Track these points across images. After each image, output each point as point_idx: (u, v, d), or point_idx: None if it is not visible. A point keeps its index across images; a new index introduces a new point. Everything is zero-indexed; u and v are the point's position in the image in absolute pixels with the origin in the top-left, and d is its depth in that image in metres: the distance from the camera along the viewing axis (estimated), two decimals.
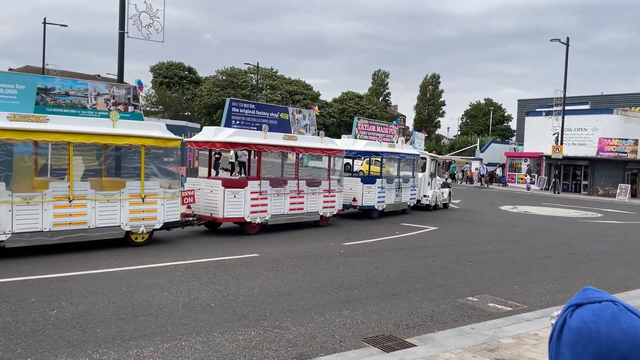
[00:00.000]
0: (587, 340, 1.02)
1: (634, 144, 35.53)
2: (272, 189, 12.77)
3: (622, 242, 13.94)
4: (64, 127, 9.07)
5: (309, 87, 77.67)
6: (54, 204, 9.04)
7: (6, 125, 8.39)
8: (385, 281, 8.06)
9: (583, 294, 1.10)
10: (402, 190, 17.88)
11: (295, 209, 13.31)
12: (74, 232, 9.31)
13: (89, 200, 9.47)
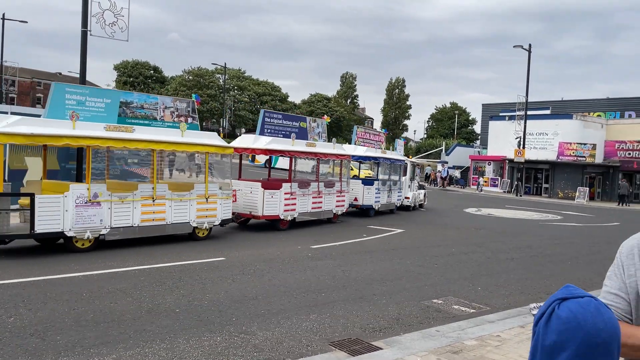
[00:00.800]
0: (576, 327, 1.19)
1: (592, 148, 36.81)
2: (299, 190, 14.36)
3: (581, 244, 14.41)
4: (149, 137, 10.48)
5: (277, 89, 77.52)
6: (142, 203, 10.47)
7: (104, 134, 9.76)
8: (352, 284, 8.10)
9: (566, 290, 1.28)
10: (392, 192, 19.60)
11: (315, 207, 15.05)
12: (156, 227, 10.76)
13: (167, 200, 10.94)
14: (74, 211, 9.42)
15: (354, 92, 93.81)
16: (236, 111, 70.36)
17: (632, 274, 1.66)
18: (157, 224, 10.75)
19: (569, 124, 38.05)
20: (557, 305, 1.24)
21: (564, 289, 1.30)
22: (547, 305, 1.26)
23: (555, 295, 1.28)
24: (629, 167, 37.17)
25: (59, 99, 9.99)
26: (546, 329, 1.22)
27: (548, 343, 1.21)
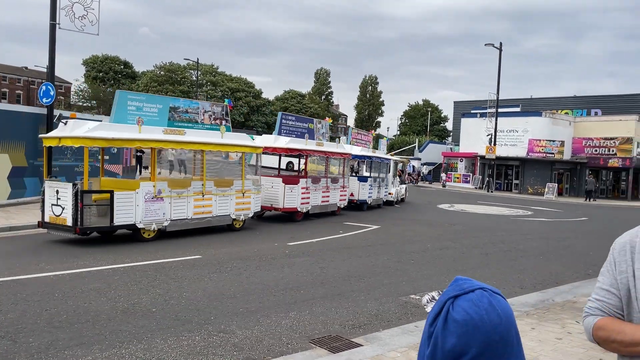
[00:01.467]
0: (474, 329, 1.16)
1: (561, 145, 37.72)
2: (312, 185, 15.88)
3: (551, 239, 14.74)
4: (199, 139, 11.95)
5: (251, 85, 76.92)
6: (194, 198, 11.86)
7: (164, 137, 11.14)
8: (331, 281, 8.09)
9: (456, 285, 1.24)
10: (381, 188, 21.11)
11: (324, 201, 16.53)
12: (204, 219, 12.15)
13: (213, 195, 12.36)
14: (144, 206, 10.77)
15: (328, 89, 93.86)
16: None
17: (624, 270, 1.68)
18: (205, 217, 12.20)
19: (538, 122, 38.88)
20: (451, 304, 1.20)
21: (454, 284, 1.26)
22: (440, 305, 1.22)
23: (447, 293, 1.23)
24: (596, 163, 38.23)
25: (123, 105, 10.93)
26: (445, 332, 1.18)
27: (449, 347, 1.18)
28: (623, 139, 37.24)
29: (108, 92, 70.23)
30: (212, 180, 12.65)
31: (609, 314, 1.69)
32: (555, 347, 5.33)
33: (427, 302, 1.37)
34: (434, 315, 1.24)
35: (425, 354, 1.26)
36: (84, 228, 10.02)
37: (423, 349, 1.28)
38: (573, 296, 7.69)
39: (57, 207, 10.28)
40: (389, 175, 22.42)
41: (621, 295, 1.68)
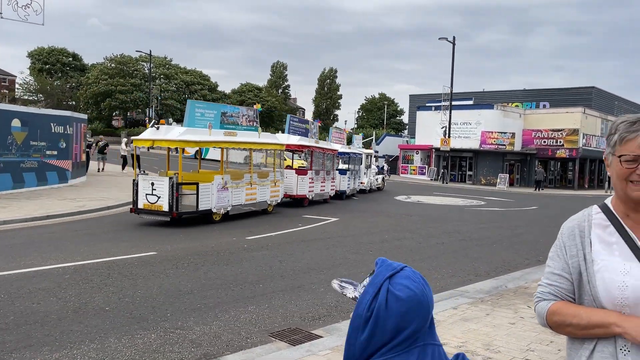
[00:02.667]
0: (417, 305, 1.20)
1: (512, 137, 38.95)
2: (315, 176, 18.63)
3: (503, 227, 15.21)
4: (247, 139, 14.70)
5: (206, 78, 75.70)
6: (246, 187, 14.45)
7: (226, 138, 13.83)
8: (290, 274, 8.06)
9: (386, 266, 1.28)
10: (356, 179, 23.76)
11: (322, 190, 19.22)
12: (251, 205, 14.75)
13: (257, 185, 14.97)
14: (217, 194, 13.16)
15: (285, 82, 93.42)
16: (163, 100, 67.95)
17: (574, 254, 1.71)
18: (252, 202, 14.77)
19: (490, 114, 39.99)
20: (389, 284, 1.21)
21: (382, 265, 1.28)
22: (375, 287, 1.22)
23: (379, 274, 1.25)
24: (545, 154, 39.71)
25: (192, 112, 13.21)
26: (387, 313, 1.19)
27: (391, 326, 1.19)
28: (570, 131, 38.81)
29: (56, 85, 67.48)
30: (256, 172, 15.41)
31: (561, 298, 1.71)
32: (508, 332, 5.49)
33: (340, 289, 1.36)
34: (371, 297, 1.23)
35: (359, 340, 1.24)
36: (179, 213, 12.22)
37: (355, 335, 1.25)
38: (525, 282, 7.95)
39: (152, 196, 12.32)
40: (361, 167, 25.00)
41: (572, 279, 1.71)
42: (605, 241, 1.68)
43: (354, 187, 23.52)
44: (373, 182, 26.67)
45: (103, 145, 25.17)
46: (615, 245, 1.66)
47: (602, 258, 1.66)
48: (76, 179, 19.95)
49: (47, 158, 17.76)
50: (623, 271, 1.60)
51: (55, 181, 18.25)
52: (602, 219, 1.72)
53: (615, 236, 1.67)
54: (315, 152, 19.00)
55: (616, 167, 1.65)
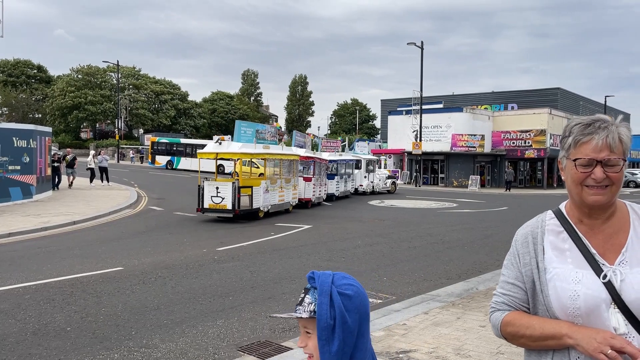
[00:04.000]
0: (363, 298, 1.34)
1: (481, 139, 39.54)
2: (316, 181, 21.55)
3: (474, 229, 15.35)
4: (277, 151, 18.11)
5: (176, 87, 74.88)
6: (278, 191, 17.51)
7: (266, 151, 17.18)
8: (261, 285, 7.93)
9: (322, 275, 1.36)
10: (347, 182, 26.32)
11: (320, 193, 22.09)
12: (281, 205, 17.87)
13: (284, 189, 18.10)
14: (263, 195, 16.30)
15: (257, 89, 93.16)
16: (133, 110, 66.88)
17: (527, 263, 1.65)
18: (281, 202, 17.89)
19: (460, 117, 40.54)
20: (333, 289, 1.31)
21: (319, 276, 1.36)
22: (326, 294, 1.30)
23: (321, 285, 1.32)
24: (514, 155, 40.41)
25: (239, 130, 18.05)
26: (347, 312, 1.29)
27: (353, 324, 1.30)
28: (537, 131, 39.60)
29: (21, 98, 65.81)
30: (284, 178, 18.23)
31: (515, 308, 1.65)
32: (479, 335, 5.48)
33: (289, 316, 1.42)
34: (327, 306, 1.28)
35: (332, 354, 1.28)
36: (240, 210, 15.30)
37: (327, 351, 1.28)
38: (495, 283, 7.98)
39: (216, 197, 15.34)
40: (356, 172, 27.57)
41: (526, 288, 1.64)
42: (559, 248, 1.62)
43: (346, 190, 26.06)
44: (378, 184, 29.21)
45: (71, 159, 24.32)
46: (568, 252, 1.60)
47: (555, 266, 1.59)
48: (41, 193, 19.38)
49: (9, 173, 17.21)
50: (575, 279, 1.54)
51: (19, 197, 17.69)
52: (556, 225, 1.66)
53: (568, 242, 1.61)
54: (316, 161, 22.00)
55: (571, 171, 1.58)
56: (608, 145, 1.53)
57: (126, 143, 61.87)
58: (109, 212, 16.32)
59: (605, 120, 1.57)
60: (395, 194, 30.19)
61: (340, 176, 25.41)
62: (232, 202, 15.16)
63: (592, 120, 1.58)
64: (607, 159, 1.53)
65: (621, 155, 1.55)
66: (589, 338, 1.45)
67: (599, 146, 1.54)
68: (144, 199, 21.29)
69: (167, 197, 22.42)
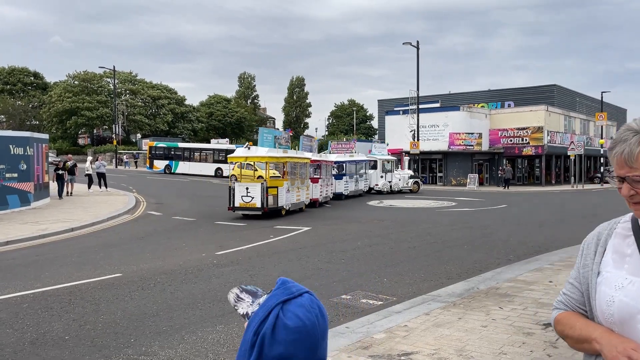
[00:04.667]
0: (306, 336, 1.14)
1: (479, 137, 39.54)
2: (323, 182, 23.16)
3: (474, 228, 15.31)
4: (293, 154, 19.77)
5: (173, 91, 74.82)
6: (295, 191, 19.26)
7: (286, 155, 19.06)
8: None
9: (285, 289, 1.20)
10: (359, 182, 28.01)
11: (326, 194, 23.78)
12: (298, 204, 19.51)
13: (300, 189, 19.86)
14: (285, 195, 18.11)
15: (254, 92, 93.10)
16: (130, 116, 66.80)
17: (587, 264, 1.59)
18: (298, 202, 19.58)
19: (457, 116, 40.55)
20: (281, 309, 1.16)
21: (281, 287, 1.22)
22: (266, 310, 1.16)
23: (274, 296, 1.19)
24: (511, 152, 40.43)
25: (262, 136, 19.77)
26: (273, 339, 1.13)
27: (275, 354, 1.14)
28: (534, 129, 39.62)
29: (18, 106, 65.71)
30: (299, 179, 19.80)
31: (571, 309, 1.61)
32: (480, 335, 5.44)
33: (235, 302, 1.28)
34: (260, 321, 1.16)
35: None
36: (269, 208, 17.08)
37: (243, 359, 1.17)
38: (496, 282, 7.95)
39: (247, 197, 17.08)
40: (371, 172, 29.49)
41: (582, 289, 1.59)
42: (620, 252, 1.53)
43: (358, 189, 27.86)
44: (397, 184, 30.71)
45: (72, 166, 23.82)
46: (629, 258, 1.50)
47: (608, 270, 1.53)
48: (39, 201, 19.32)
49: (7, 181, 17.15)
50: (618, 285, 1.47)
51: (17, 204, 17.63)
52: (626, 229, 1.56)
53: (632, 247, 1.51)
54: (322, 164, 23.75)
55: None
56: (623, 161, 1.43)
57: (124, 148, 61.78)
58: (108, 218, 16.26)
59: (630, 129, 1.45)
60: (390, 193, 30.17)
61: (350, 176, 26.97)
62: (262, 201, 16.97)
63: (624, 129, 1.47)
64: (626, 176, 1.43)
65: None
66: (612, 346, 1.39)
67: (616, 162, 1.45)
68: (142, 204, 21.23)
69: (165, 201, 22.36)
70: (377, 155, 31.27)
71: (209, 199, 24.01)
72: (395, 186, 30.58)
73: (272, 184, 17.63)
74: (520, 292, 7.22)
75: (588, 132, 48.63)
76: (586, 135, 47.53)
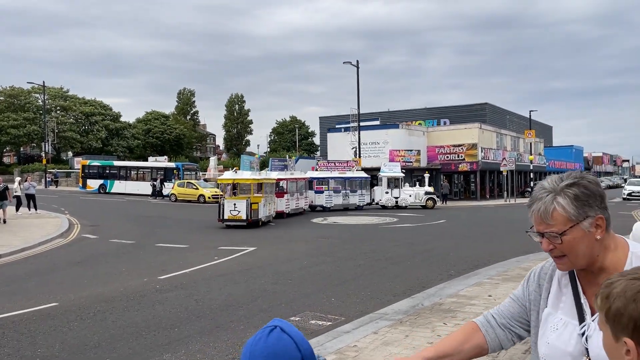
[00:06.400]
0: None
1: (417, 154, 40.80)
2: (290, 197, 26.62)
3: (416, 244, 15.73)
4: (264, 176, 23.54)
5: (107, 107, 72.33)
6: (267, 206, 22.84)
7: (260, 177, 22.97)
8: (207, 313, 7.73)
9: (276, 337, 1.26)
10: (350, 196, 31.44)
11: (296, 205, 27.46)
12: (269, 216, 22.88)
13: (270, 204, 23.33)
14: (262, 209, 21.68)
15: (194, 108, 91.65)
16: (61, 133, 63.83)
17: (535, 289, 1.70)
18: (269, 214, 22.73)
19: (396, 133, 41.70)
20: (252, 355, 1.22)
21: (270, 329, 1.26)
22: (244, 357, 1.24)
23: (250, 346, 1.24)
24: (448, 168, 41.97)
25: (243, 161, 23.65)
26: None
27: None
28: (469, 145, 41.39)
29: None
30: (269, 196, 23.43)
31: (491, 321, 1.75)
32: None
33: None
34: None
35: None
36: (252, 220, 20.49)
37: None
38: (439, 298, 8.21)
39: (234, 210, 20.37)
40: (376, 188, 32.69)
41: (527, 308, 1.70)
42: (560, 290, 1.61)
43: (348, 203, 31.03)
44: (404, 199, 32.04)
45: (2, 189, 20.70)
46: (564, 297, 1.58)
47: (549, 310, 1.61)
48: None
49: None
50: (554, 327, 1.56)
51: None
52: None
53: (567, 288, 1.59)
54: (289, 181, 26.89)
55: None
56: (540, 218, 1.50)
57: (54, 167, 58.84)
58: (39, 243, 15.40)
59: (544, 189, 1.52)
60: (333, 211, 30.49)
61: (335, 190, 31.09)
62: (247, 214, 20.42)
63: (538, 188, 1.55)
64: (544, 232, 1.50)
65: (561, 227, 1.46)
66: None
67: (535, 219, 1.52)
68: (76, 226, 20.28)
69: (101, 223, 21.47)
70: (388, 172, 32.99)
71: (149, 220, 23.29)
72: (402, 202, 31.91)
73: (254, 200, 21.13)
74: (462, 308, 7.49)
75: (518, 149, 51.32)
76: (516, 151, 50.12)
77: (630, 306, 1.07)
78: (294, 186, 27.45)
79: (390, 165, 34.99)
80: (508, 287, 8.64)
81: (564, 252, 1.49)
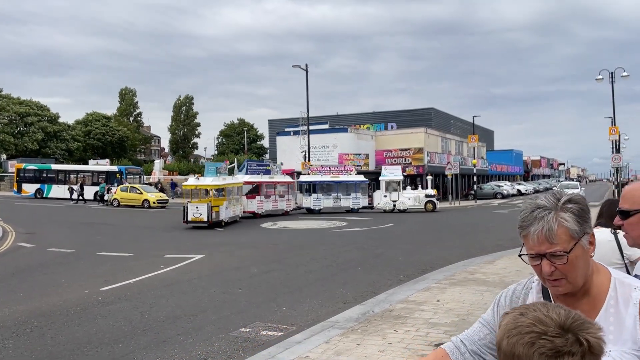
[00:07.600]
0: None
1: (366, 157, 41.35)
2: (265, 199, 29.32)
3: (365, 249, 15.85)
4: (233, 181, 26.38)
5: (44, 108, 68.92)
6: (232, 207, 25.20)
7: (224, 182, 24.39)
8: (153, 327, 7.45)
9: None
10: (342, 199, 32.58)
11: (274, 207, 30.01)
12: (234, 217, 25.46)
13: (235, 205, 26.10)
14: (225, 211, 23.40)
15: (137, 109, 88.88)
16: None
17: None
18: (234, 215, 25.24)
19: (345, 137, 42.10)
20: None
21: None
22: None
23: None
24: None
25: (207, 167, 26.03)
26: None
27: None
28: (416, 149, 42.34)
29: None
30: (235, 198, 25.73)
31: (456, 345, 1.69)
32: None
33: None
34: None
35: None
36: (212, 222, 21.82)
37: None
38: (389, 304, 8.28)
39: (196, 213, 21.82)
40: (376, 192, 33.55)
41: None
42: None
43: (340, 205, 32.23)
44: (403, 202, 32.51)
45: None
46: None
47: None
48: None
49: None
50: None
51: None
52: (537, 289, 1.61)
53: None
54: (265, 184, 29.12)
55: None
56: (544, 238, 1.41)
57: None
58: None
59: (543, 207, 1.44)
60: (282, 215, 30.36)
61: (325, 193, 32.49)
62: (207, 216, 21.81)
63: (533, 208, 1.45)
64: (548, 252, 1.42)
65: (565, 245, 1.40)
66: None
67: (536, 239, 1.42)
68: (10, 234, 19.17)
69: (38, 231, 20.41)
70: (389, 176, 33.62)
71: (90, 227, 22.35)
72: (400, 205, 32.44)
73: (215, 203, 22.50)
74: (412, 314, 7.58)
75: (462, 153, 53.00)
76: (460, 155, 51.74)
77: (504, 342, 1.13)
78: (271, 188, 29.62)
79: (390, 168, 35.48)
80: (455, 291, 8.83)
81: (565, 273, 1.42)
